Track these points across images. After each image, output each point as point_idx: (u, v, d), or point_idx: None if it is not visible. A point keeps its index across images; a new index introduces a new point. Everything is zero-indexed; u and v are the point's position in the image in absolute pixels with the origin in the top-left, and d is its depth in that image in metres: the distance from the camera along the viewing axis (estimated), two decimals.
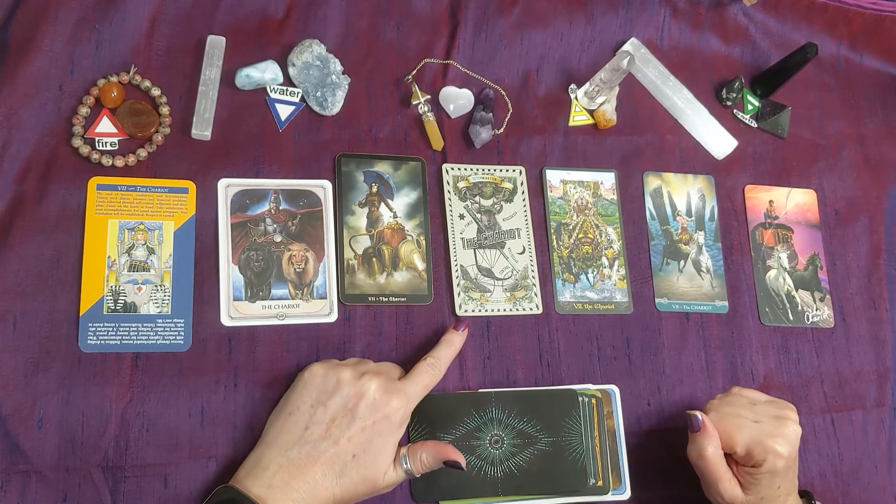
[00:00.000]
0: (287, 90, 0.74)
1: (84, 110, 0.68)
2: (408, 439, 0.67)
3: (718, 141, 0.85)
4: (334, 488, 0.58)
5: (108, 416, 0.62)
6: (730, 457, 0.65)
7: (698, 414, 0.64)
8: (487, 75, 0.81)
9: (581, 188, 0.80)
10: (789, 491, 0.65)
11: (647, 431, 0.72)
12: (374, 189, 0.74)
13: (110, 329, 0.64)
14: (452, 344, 0.67)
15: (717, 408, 0.66)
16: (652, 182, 0.82)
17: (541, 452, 0.68)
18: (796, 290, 0.82)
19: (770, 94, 0.88)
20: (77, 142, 0.67)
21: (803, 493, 0.69)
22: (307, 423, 0.59)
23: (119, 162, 0.68)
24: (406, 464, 0.61)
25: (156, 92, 0.71)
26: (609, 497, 0.69)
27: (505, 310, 0.73)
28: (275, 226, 0.70)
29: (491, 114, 0.78)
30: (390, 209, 0.74)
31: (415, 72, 0.78)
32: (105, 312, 0.64)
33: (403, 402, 0.61)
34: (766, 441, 0.62)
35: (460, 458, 0.62)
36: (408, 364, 0.68)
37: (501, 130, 0.79)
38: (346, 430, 0.59)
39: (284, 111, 0.74)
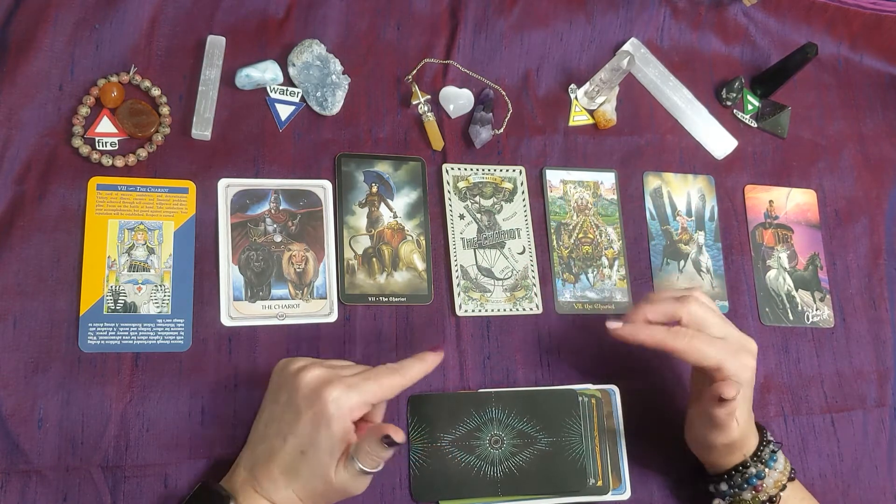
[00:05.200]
0: (287, 90, 0.74)
1: (84, 110, 0.68)
2: (408, 439, 0.67)
3: (718, 141, 0.85)
4: (294, 486, 0.56)
5: (108, 416, 0.62)
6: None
7: (733, 387, 0.61)
8: (487, 75, 0.81)
9: (581, 188, 0.80)
10: (751, 411, 0.65)
11: (647, 431, 0.72)
12: (374, 189, 0.74)
13: (110, 329, 0.64)
14: (424, 361, 0.61)
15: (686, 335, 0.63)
16: (652, 182, 0.82)
17: (541, 452, 0.68)
18: (796, 290, 0.82)
19: (770, 94, 0.88)
20: (77, 142, 0.67)
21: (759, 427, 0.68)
22: (267, 421, 0.59)
23: (119, 162, 0.68)
24: (355, 462, 0.56)
25: (156, 92, 0.71)
26: (609, 497, 0.69)
27: (505, 310, 0.73)
28: (275, 226, 0.70)
29: (491, 114, 0.78)
30: (390, 209, 0.74)
31: (415, 72, 0.79)
32: (105, 312, 0.64)
33: (341, 392, 0.55)
34: (738, 356, 0.62)
35: (395, 432, 0.56)
36: None
37: (501, 130, 0.79)
38: (293, 426, 0.56)
39: (284, 111, 0.74)
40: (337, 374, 0.57)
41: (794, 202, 0.86)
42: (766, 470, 0.64)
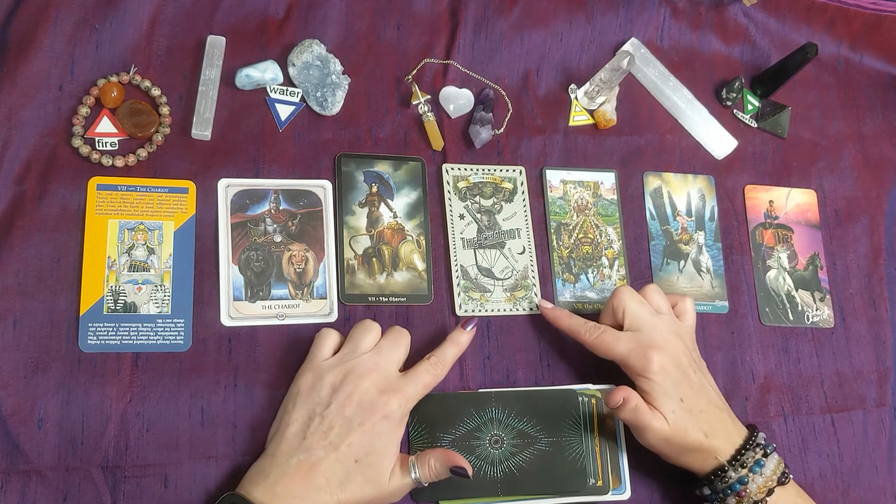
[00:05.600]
0: (287, 90, 0.74)
1: (84, 110, 0.68)
2: (407, 440, 0.67)
3: (718, 141, 0.85)
4: (339, 494, 0.57)
5: (108, 416, 0.62)
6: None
7: (616, 395, 0.64)
8: (487, 75, 0.81)
9: (581, 188, 0.80)
10: (702, 408, 0.65)
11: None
12: (374, 189, 0.74)
13: (110, 329, 0.64)
14: (458, 343, 0.66)
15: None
16: (652, 182, 0.82)
17: (540, 452, 0.68)
18: (796, 290, 0.82)
19: (770, 94, 0.88)
20: (77, 142, 0.67)
21: (749, 426, 0.69)
22: (305, 434, 0.59)
23: (119, 162, 0.68)
24: (414, 471, 0.60)
25: (156, 92, 0.71)
26: (609, 497, 0.69)
27: (505, 310, 0.73)
28: (275, 226, 0.70)
29: (491, 114, 0.78)
30: (390, 209, 0.74)
31: (415, 72, 0.79)
32: (105, 312, 0.64)
33: (401, 401, 0.61)
34: (644, 350, 0.65)
35: (467, 466, 0.61)
36: (408, 363, 0.68)
37: (501, 130, 0.79)
38: (346, 436, 0.58)
39: (284, 111, 0.74)
40: (390, 380, 0.61)
41: (794, 202, 0.86)
42: (750, 475, 0.64)
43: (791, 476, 0.66)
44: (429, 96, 0.77)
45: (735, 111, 0.88)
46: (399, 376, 0.62)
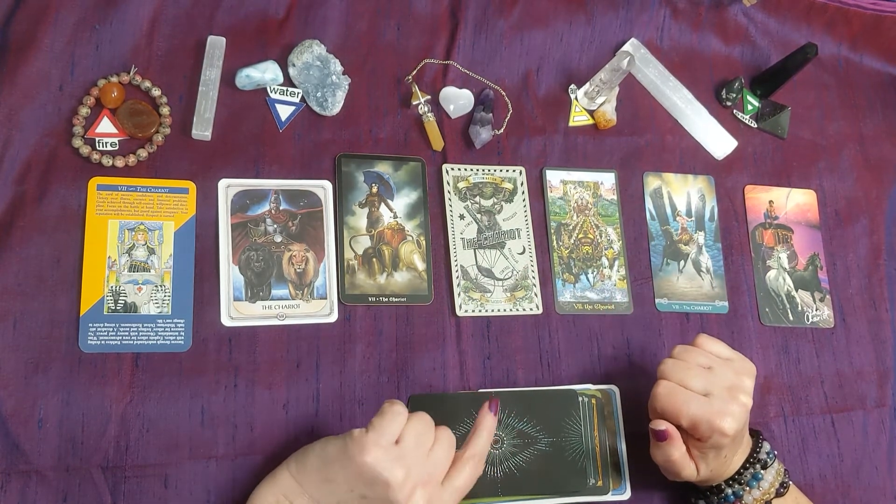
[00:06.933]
0: (287, 90, 0.74)
1: (84, 110, 0.68)
2: None
3: (718, 141, 0.85)
4: None
5: (109, 417, 0.62)
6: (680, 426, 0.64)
7: (662, 424, 0.63)
8: (487, 75, 0.81)
9: (581, 188, 0.80)
10: (736, 451, 0.65)
11: (647, 431, 0.72)
12: (375, 189, 0.74)
13: (110, 329, 0.64)
14: (490, 429, 0.61)
15: (668, 374, 0.64)
16: (652, 182, 0.82)
17: (540, 453, 0.68)
18: (796, 291, 0.82)
19: (770, 94, 0.88)
20: (77, 142, 0.67)
21: (753, 433, 0.68)
22: (340, 500, 0.56)
23: (119, 162, 0.68)
24: None
25: (156, 92, 0.71)
26: (609, 497, 0.69)
27: (505, 310, 0.73)
28: (275, 226, 0.70)
29: (491, 114, 0.78)
30: (390, 209, 0.74)
31: (415, 72, 0.79)
32: (105, 313, 0.64)
33: None
34: (712, 420, 0.60)
35: None
36: (408, 364, 0.68)
37: (501, 131, 0.79)
38: None
39: (284, 111, 0.74)
40: (440, 494, 0.56)
41: (794, 202, 0.86)
42: (746, 489, 0.64)
43: (790, 484, 0.66)
44: (429, 96, 0.77)
45: (735, 111, 0.88)
46: (443, 489, 0.57)
